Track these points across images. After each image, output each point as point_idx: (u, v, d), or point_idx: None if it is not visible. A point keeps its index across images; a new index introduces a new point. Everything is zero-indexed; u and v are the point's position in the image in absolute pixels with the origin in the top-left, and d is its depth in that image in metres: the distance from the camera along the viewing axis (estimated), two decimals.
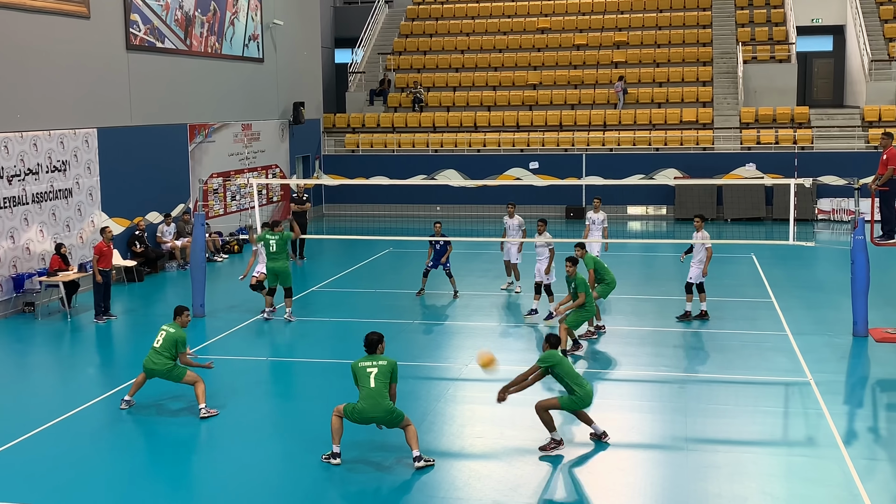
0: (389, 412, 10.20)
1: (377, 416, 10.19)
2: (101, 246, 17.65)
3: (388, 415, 10.21)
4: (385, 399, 10.15)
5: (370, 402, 10.12)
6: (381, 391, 10.11)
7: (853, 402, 12.65)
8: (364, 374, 10.17)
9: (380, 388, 10.11)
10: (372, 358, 10.28)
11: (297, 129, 31.25)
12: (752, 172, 29.33)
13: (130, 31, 22.07)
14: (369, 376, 10.13)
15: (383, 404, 10.14)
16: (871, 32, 33.14)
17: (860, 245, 15.42)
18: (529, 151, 31.49)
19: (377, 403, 10.12)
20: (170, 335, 12.15)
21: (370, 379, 10.12)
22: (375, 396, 10.11)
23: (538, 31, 36.33)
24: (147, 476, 10.33)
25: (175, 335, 12.15)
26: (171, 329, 12.23)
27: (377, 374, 10.13)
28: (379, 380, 10.12)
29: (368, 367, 10.18)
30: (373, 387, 10.11)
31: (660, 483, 10.01)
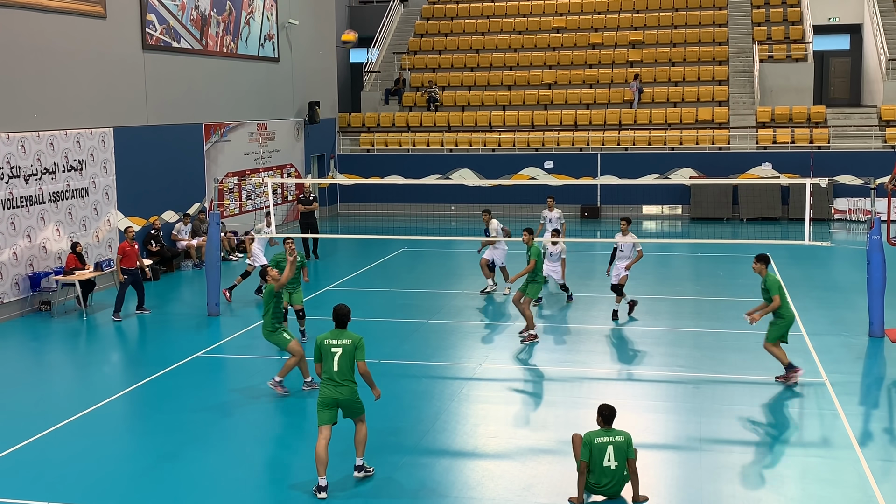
0: (353, 393, 9.67)
1: (340, 398, 9.64)
2: (124, 245, 17.80)
3: (351, 395, 9.65)
4: (349, 381, 9.65)
5: (333, 384, 9.64)
6: (344, 373, 9.62)
7: (869, 402, 12.58)
8: (329, 353, 9.64)
9: (343, 371, 9.61)
10: (338, 335, 9.71)
11: (312, 129, 31.32)
12: (768, 172, 29.21)
13: (146, 30, 22.18)
14: (333, 357, 9.61)
15: (348, 387, 9.63)
16: (888, 31, 32.93)
17: (876, 245, 15.33)
18: (544, 151, 31.46)
19: (340, 386, 9.62)
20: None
21: (334, 361, 9.61)
22: (338, 378, 9.62)
23: (553, 30, 36.28)
24: (167, 472, 10.38)
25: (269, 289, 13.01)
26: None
27: (341, 356, 9.60)
28: (342, 362, 9.61)
29: (333, 347, 9.64)
30: (336, 370, 9.62)
31: (674, 484, 9.99)
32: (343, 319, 9.82)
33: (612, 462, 9.25)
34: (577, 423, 11.71)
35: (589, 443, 9.25)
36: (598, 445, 9.24)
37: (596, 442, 9.25)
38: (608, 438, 9.28)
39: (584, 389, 13.28)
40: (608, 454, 9.24)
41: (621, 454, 9.28)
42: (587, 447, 9.24)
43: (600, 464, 9.24)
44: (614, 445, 9.26)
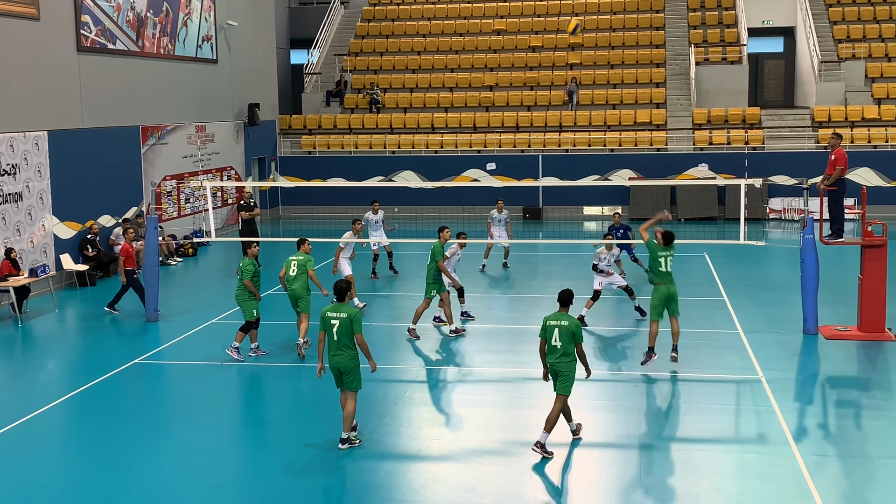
0: (351, 359, 10.71)
1: (341, 364, 10.72)
2: (126, 247, 17.63)
3: (349, 361, 10.71)
4: (348, 349, 10.69)
5: (332, 348, 10.73)
6: (343, 342, 10.67)
7: (803, 399, 12.87)
8: (329, 326, 10.72)
9: (343, 340, 10.67)
10: (337, 308, 10.75)
11: (252, 131, 31.06)
12: (705, 173, 29.69)
13: (81, 32, 21.80)
14: (333, 328, 10.69)
15: (347, 353, 10.70)
16: (820, 34, 33.70)
17: (810, 244, 15.67)
18: (486, 152, 31.60)
19: (340, 352, 10.69)
20: (300, 262, 14.63)
21: (334, 331, 10.70)
22: (336, 345, 10.70)
23: (494, 32, 36.46)
24: (105, 481, 10.21)
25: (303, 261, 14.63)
26: (300, 256, 14.73)
27: (339, 328, 10.66)
28: (341, 332, 10.66)
29: (332, 318, 10.72)
30: (336, 339, 10.69)
31: (615, 482, 10.11)
32: (343, 293, 10.81)
33: (557, 342, 10.71)
34: (521, 424, 11.82)
35: (544, 323, 10.87)
36: (549, 327, 10.80)
37: (547, 323, 10.83)
38: (556, 322, 10.76)
39: (527, 390, 13.37)
40: (554, 335, 10.73)
41: (566, 336, 10.67)
42: (543, 327, 10.86)
43: (550, 342, 10.78)
44: (559, 328, 10.71)
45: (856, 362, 14.42)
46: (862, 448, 10.93)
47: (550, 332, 10.74)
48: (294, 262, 14.77)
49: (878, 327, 15.45)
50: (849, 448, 10.92)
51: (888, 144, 29.68)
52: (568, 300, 10.95)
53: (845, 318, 16.37)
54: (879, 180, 29.17)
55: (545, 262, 22.22)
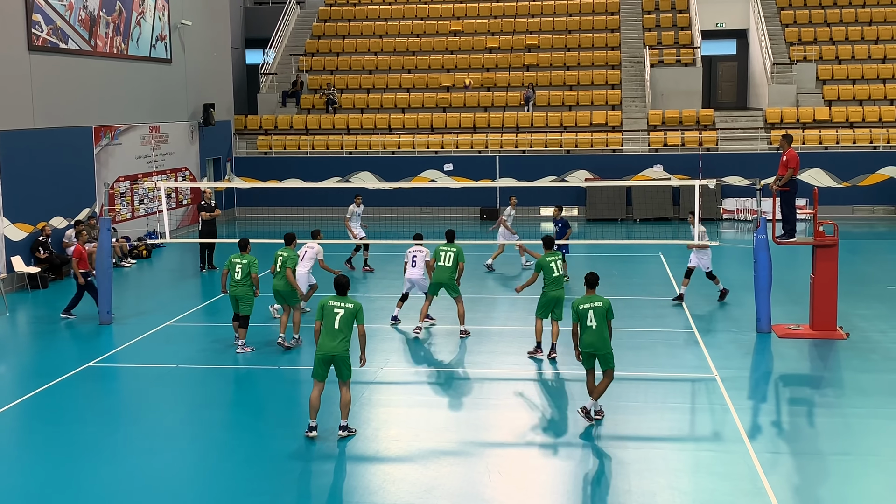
0: (345, 350, 10.86)
1: (336, 352, 10.82)
2: (78, 249, 17.40)
3: (344, 351, 10.85)
4: (345, 338, 10.86)
5: (330, 337, 10.83)
6: (342, 332, 10.86)
7: (757, 397, 13.03)
8: (331, 313, 10.90)
9: (342, 329, 10.86)
10: (341, 299, 10.99)
11: (207, 131, 30.78)
12: (660, 174, 29.98)
13: (32, 31, 21.45)
14: (335, 316, 10.87)
15: (343, 343, 10.85)
16: (772, 36, 34.19)
17: (762, 244, 15.88)
18: (444, 153, 31.62)
19: (336, 340, 10.82)
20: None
21: (336, 319, 10.86)
22: (335, 335, 10.83)
23: (451, 33, 36.50)
24: (58, 486, 10.05)
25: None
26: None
27: (342, 317, 10.87)
28: (343, 322, 10.86)
29: (336, 308, 10.93)
30: (336, 327, 10.85)
31: (571, 480, 10.17)
32: (345, 288, 11.10)
33: (593, 322, 11.31)
34: (479, 425, 11.84)
35: (575, 307, 11.39)
36: (582, 310, 11.36)
37: (580, 307, 11.39)
38: (589, 304, 11.38)
39: (485, 390, 13.39)
40: (589, 316, 11.31)
41: (601, 316, 11.33)
42: (574, 312, 11.36)
43: (584, 324, 11.34)
44: (594, 309, 11.32)
45: (808, 360, 14.64)
46: (814, 445, 11.10)
47: (584, 314, 11.34)
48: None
49: (829, 326, 15.70)
50: (802, 445, 11.08)
51: (839, 146, 30.20)
52: (595, 282, 11.66)
53: (798, 316, 16.62)
54: (830, 181, 29.67)
55: (499, 263, 22.25)
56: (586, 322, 11.38)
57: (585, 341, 11.44)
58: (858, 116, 30.97)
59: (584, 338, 11.43)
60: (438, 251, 15.90)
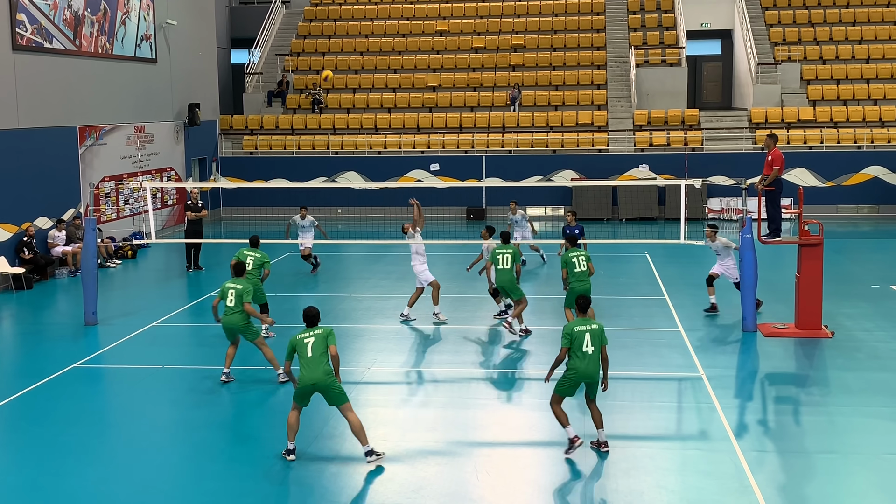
0: (327, 374, 10.38)
1: (317, 380, 10.34)
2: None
3: (326, 377, 10.35)
4: (323, 364, 10.38)
5: (308, 369, 10.35)
6: (317, 358, 10.37)
7: (743, 395, 13.09)
8: (302, 345, 10.44)
9: (316, 357, 10.37)
10: (309, 330, 10.58)
11: (192, 131, 30.68)
12: (645, 173, 30.06)
13: (16, 30, 21.34)
14: (307, 346, 10.41)
15: (321, 368, 10.36)
16: (757, 37, 34.34)
17: (748, 243, 15.96)
18: (430, 153, 31.61)
19: (314, 368, 10.34)
20: (238, 290, 13.12)
21: (307, 348, 10.40)
22: (312, 363, 10.35)
23: (437, 33, 36.49)
24: (45, 488, 10.00)
25: (242, 288, 13.11)
26: (239, 284, 13.20)
27: (314, 344, 10.41)
28: (315, 348, 10.39)
29: (305, 339, 10.48)
30: (310, 356, 10.37)
31: (558, 480, 10.19)
32: (314, 319, 10.65)
33: (589, 348, 10.55)
34: (467, 425, 11.85)
35: (570, 331, 10.61)
36: (578, 333, 10.55)
37: (575, 330, 10.58)
38: (586, 327, 10.61)
39: (472, 390, 13.41)
40: (586, 340, 10.54)
41: (597, 340, 10.60)
42: (569, 335, 10.58)
43: (581, 349, 10.52)
44: (591, 332, 10.58)
45: (794, 359, 14.71)
46: (800, 443, 11.16)
47: (580, 337, 10.50)
48: (232, 292, 13.24)
49: (814, 325, 15.78)
50: (788, 444, 11.13)
51: (823, 145, 30.36)
52: (588, 305, 10.96)
53: (783, 315, 16.70)
54: (815, 180, 29.82)
55: None
56: (581, 347, 10.52)
57: (580, 369, 10.53)
58: (842, 116, 31.14)
59: (578, 364, 10.53)
60: (496, 254, 15.71)
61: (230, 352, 13.51)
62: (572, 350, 10.56)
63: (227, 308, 13.20)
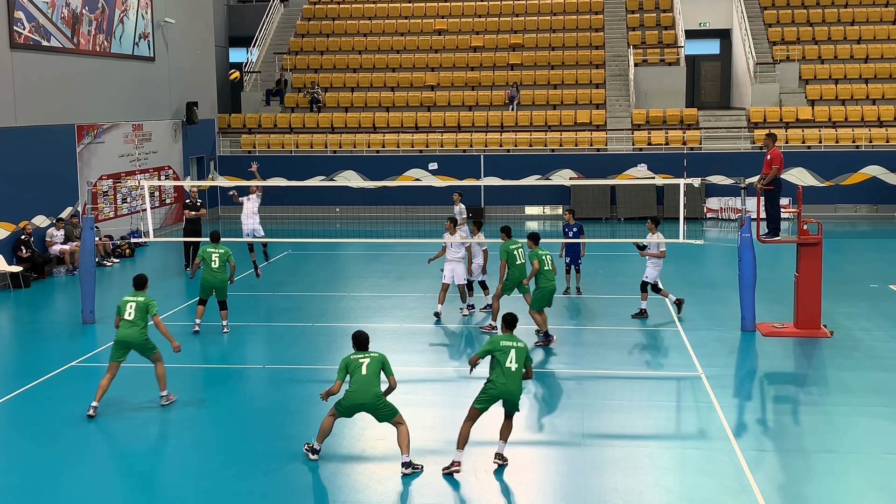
0: (377, 397, 10.33)
1: (366, 401, 10.30)
2: None
3: (376, 400, 10.33)
4: (375, 386, 10.33)
5: (359, 387, 10.28)
6: (371, 379, 10.30)
7: (742, 394, 13.07)
8: (356, 364, 10.40)
9: (370, 377, 10.31)
10: (363, 353, 10.55)
11: (190, 130, 30.64)
12: (644, 173, 30.05)
13: (14, 29, 21.29)
14: (361, 365, 10.37)
15: (372, 390, 10.29)
16: (755, 36, 34.33)
17: (747, 242, 15.94)
18: (428, 152, 31.59)
19: (366, 390, 10.27)
20: (141, 303, 12.32)
21: (362, 367, 10.36)
22: (365, 383, 10.28)
23: (436, 32, 36.46)
24: (42, 486, 9.98)
25: (146, 301, 12.35)
26: (141, 298, 12.40)
27: (370, 364, 10.38)
28: (371, 368, 10.36)
29: (361, 358, 10.45)
30: (364, 374, 10.31)
31: (558, 479, 10.17)
32: (365, 343, 10.64)
33: (514, 364, 10.27)
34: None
35: (495, 344, 10.33)
36: (504, 348, 10.27)
37: (501, 344, 10.31)
38: (512, 343, 10.34)
39: (470, 389, 13.35)
40: (510, 356, 10.25)
41: (521, 357, 10.32)
42: (494, 348, 10.29)
43: (503, 364, 10.23)
44: (517, 350, 10.31)
45: (792, 358, 14.70)
46: (799, 443, 11.15)
47: (505, 353, 10.24)
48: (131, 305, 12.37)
49: (813, 324, 15.77)
50: (786, 443, 11.12)
51: (822, 145, 30.36)
52: (514, 322, 10.66)
53: (782, 315, 16.69)
54: (814, 180, 29.82)
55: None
56: (505, 363, 10.21)
57: (500, 385, 10.20)
58: (841, 116, 31.15)
59: (498, 380, 10.21)
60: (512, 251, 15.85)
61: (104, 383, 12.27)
62: (495, 364, 10.27)
63: (124, 321, 12.22)
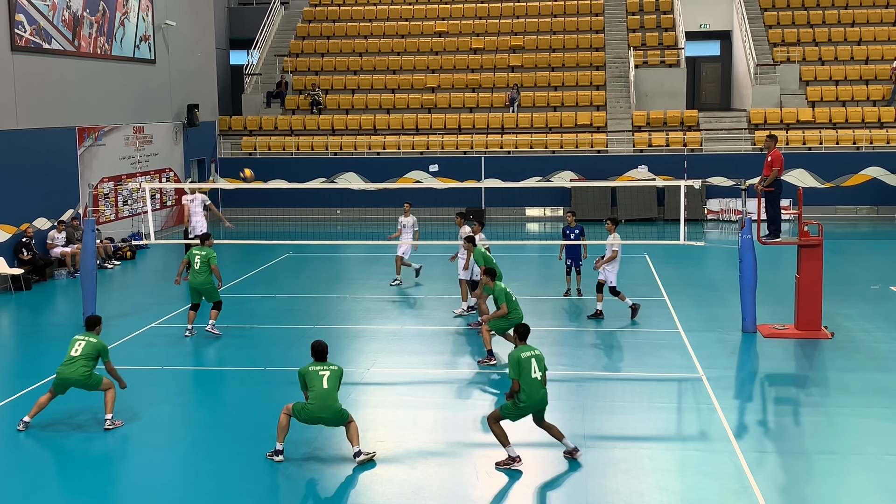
0: (338, 413, 10.45)
1: (325, 416, 10.41)
2: None
3: (336, 415, 10.45)
4: (335, 401, 10.40)
5: (320, 402, 10.33)
6: (331, 394, 10.37)
7: (743, 396, 13.08)
8: (316, 377, 10.40)
9: (331, 391, 10.37)
10: (322, 364, 10.54)
11: (191, 132, 30.66)
12: (644, 174, 30.06)
13: (15, 31, 21.32)
14: (322, 378, 10.38)
15: (333, 406, 10.38)
16: (756, 38, 34.34)
17: (748, 244, 15.94)
18: (429, 154, 31.60)
19: (327, 405, 10.35)
20: (91, 344, 11.75)
21: (323, 381, 10.37)
22: (326, 398, 10.34)
23: (436, 34, 36.49)
24: (39, 489, 9.99)
25: (98, 344, 11.79)
26: (93, 339, 11.83)
27: (329, 377, 10.41)
28: (331, 382, 10.40)
29: (321, 371, 10.46)
30: (325, 387, 10.35)
31: (559, 481, 10.17)
32: (323, 353, 10.61)
33: (538, 374, 10.25)
34: (466, 425, 11.84)
35: (516, 360, 10.19)
36: (525, 360, 10.21)
37: (522, 357, 10.23)
38: (531, 353, 10.31)
39: (470, 391, 13.39)
40: (533, 367, 10.21)
41: (542, 364, 10.33)
42: (515, 364, 10.17)
43: (528, 377, 10.17)
44: (536, 358, 10.28)
45: (793, 360, 14.70)
46: (800, 444, 11.15)
47: (527, 364, 10.17)
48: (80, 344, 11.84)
49: (814, 325, 15.77)
50: (787, 444, 11.12)
51: (822, 146, 30.36)
52: (527, 332, 10.63)
53: (783, 316, 16.69)
54: (814, 181, 29.83)
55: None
56: (531, 374, 10.16)
57: (535, 397, 10.22)
58: (841, 117, 31.15)
59: (532, 393, 10.18)
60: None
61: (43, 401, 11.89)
62: (522, 379, 10.17)
63: (68, 357, 11.70)
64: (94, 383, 11.81)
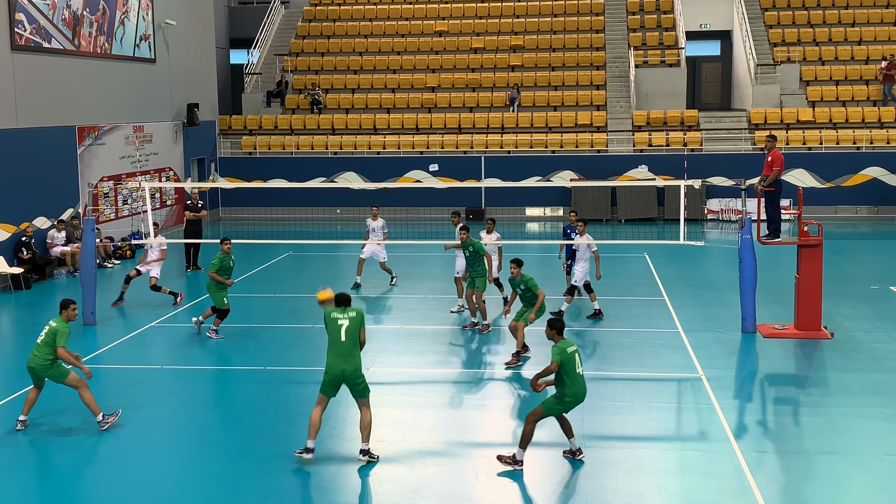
0: (356, 369, 10.32)
1: (346, 370, 10.27)
2: None
3: (355, 372, 10.31)
4: (354, 357, 10.30)
5: (339, 357, 10.27)
6: (350, 348, 10.27)
7: (743, 396, 13.07)
8: (335, 326, 10.31)
9: (349, 346, 10.27)
10: (342, 310, 10.42)
11: (191, 131, 30.66)
12: (644, 174, 30.05)
13: (15, 30, 21.31)
14: (340, 329, 10.28)
15: (352, 361, 10.29)
16: (756, 37, 34.33)
17: (747, 244, 15.93)
18: (429, 154, 31.59)
19: (346, 359, 10.27)
20: (52, 328, 11.50)
21: (341, 332, 10.27)
22: (344, 353, 10.27)
23: (436, 34, 36.48)
24: (39, 488, 9.99)
25: (56, 327, 11.46)
26: (55, 322, 11.57)
27: (348, 328, 10.28)
28: (349, 334, 10.27)
29: (340, 319, 10.33)
30: (343, 341, 10.27)
31: (559, 480, 10.17)
32: (346, 301, 10.48)
33: (580, 368, 10.23)
34: (465, 425, 11.83)
35: (563, 354, 10.07)
36: (571, 354, 10.10)
37: (568, 351, 10.11)
38: (575, 348, 10.21)
39: (472, 390, 13.39)
40: (577, 362, 10.17)
41: (581, 359, 10.31)
42: (567, 359, 10.04)
43: (573, 371, 10.11)
44: (579, 354, 10.25)
45: (793, 360, 14.70)
46: (800, 444, 11.15)
47: (573, 359, 10.09)
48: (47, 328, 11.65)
49: (814, 325, 15.77)
50: (787, 444, 11.12)
51: (822, 146, 30.35)
52: (563, 327, 10.43)
53: (782, 316, 16.69)
54: (814, 181, 29.82)
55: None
56: (575, 368, 10.11)
57: (580, 393, 10.20)
58: (842, 117, 31.14)
59: (578, 388, 10.16)
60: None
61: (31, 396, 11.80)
62: (567, 374, 10.11)
63: (35, 345, 11.65)
64: (57, 375, 11.51)
